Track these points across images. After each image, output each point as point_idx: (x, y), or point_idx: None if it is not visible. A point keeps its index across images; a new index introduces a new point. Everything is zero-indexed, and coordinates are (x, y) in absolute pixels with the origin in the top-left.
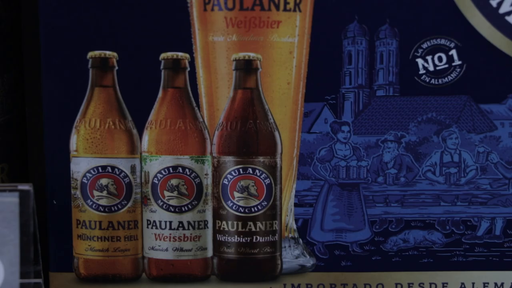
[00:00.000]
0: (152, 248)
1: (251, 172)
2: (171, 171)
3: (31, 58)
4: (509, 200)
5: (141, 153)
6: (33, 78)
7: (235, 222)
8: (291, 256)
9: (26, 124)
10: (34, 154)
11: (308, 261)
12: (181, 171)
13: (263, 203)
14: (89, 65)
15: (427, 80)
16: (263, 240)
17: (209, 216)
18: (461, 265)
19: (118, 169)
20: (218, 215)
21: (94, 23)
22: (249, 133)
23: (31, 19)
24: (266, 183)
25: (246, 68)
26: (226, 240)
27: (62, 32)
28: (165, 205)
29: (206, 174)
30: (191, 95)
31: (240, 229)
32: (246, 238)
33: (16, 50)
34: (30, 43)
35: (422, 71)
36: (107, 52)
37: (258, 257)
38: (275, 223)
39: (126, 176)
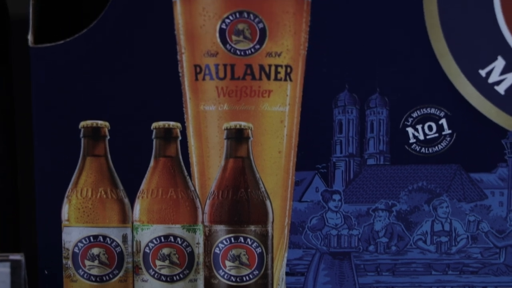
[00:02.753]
0: None
1: (242, 241)
2: (163, 240)
3: (23, 127)
4: (500, 269)
5: (132, 222)
6: (25, 146)
7: None
8: None
9: (18, 193)
10: (25, 224)
11: None
12: (172, 240)
13: (254, 272)
14: (81, 135)
15: (418, 149)
16: None
17: (200, 285)
18: None
19: (110, 238)
20: (209, 284)
21: (86, 93)
22: (241, 202)
23: (23, 87)
24: (258, 252)
25: (237, 137)
26: None
27: (54, 101)
28: (156, 274)
29: (198, 243)
30: (182, 164)
31: None
32: None
33: (8, 119)
34: (22, 112)
35: (412, 140)
36: (99, 122)
37: None
38: None
39: (118, 245)
